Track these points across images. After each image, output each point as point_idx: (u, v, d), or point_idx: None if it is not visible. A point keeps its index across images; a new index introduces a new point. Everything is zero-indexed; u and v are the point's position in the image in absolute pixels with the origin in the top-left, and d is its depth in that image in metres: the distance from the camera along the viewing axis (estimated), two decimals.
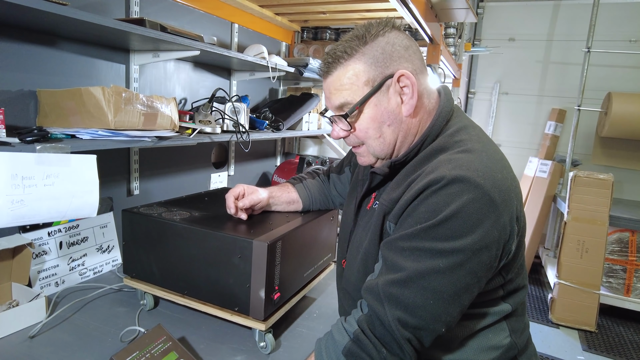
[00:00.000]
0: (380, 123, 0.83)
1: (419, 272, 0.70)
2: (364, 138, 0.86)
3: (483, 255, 0.70)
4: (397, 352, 0.71)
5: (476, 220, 0.69)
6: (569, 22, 3.99)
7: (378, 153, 0.87)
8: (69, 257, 1.33)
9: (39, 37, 1.26)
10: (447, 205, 0.70)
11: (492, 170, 0.73)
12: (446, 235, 0.69)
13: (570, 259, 2.83)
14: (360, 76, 0.81)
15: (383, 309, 0.71)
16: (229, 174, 2.26)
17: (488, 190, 0.70)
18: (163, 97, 1.32)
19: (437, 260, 0.69)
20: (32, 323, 1.06)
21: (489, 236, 0.70)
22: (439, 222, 0.70)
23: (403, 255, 0.72)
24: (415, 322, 0.70)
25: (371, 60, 0.80)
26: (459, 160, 0.74)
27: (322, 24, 2.63)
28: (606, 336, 2.74)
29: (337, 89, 0.83)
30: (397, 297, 0.70)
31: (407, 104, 0.82)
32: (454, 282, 0.70)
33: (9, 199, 0.92)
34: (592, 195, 2.80)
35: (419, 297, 0.69)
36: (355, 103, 0.82)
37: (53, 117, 1.22)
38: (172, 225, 1.06)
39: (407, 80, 0.80)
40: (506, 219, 0.72)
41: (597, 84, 3.77)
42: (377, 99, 0.82)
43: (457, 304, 0.71)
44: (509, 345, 0.83)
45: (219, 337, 1.07)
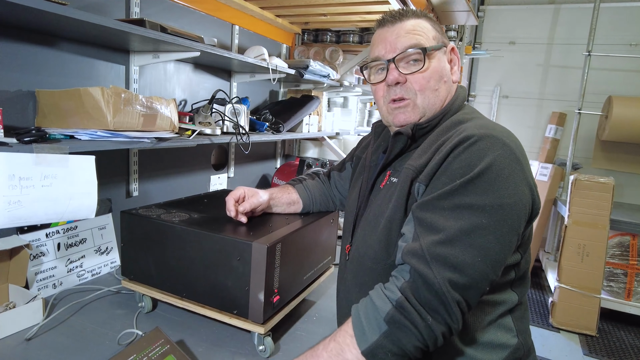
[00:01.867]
0: (441, 76, 0.90)
1: (464, 230, 0.70)
2: (424, 87, 0.89)
3: (520, 209, 0.73)
4: (445, 316, 0.68)
5: (508, 174, 0.73)
6: (569, 25, 4.00)
7: (428, 107, 0.90)
8: (66, 258, 1.32)
9: (39, 37, 1.26)
10: (480, 159, 0.73)
11: (512, 137, 0.79)
12: (484, 189, 0.72)
13: (571, 263, 2.82)
14: (430, 31, 0.90)
15: (431, 271, 0.68)
16: (228, 176, 2.25)
17: (513, 149, 0.76)
18: (162, 99, 1.32)
19: (480, 217, 0.70)
20: (29, 325, 1.05)
21: (521, 190, 0.74)
22: (475, 175, 0.72)
23: (443, 215, 0.73)
24: (465, 281, 0.68)
25: (434, 25, 0.92)
26: (484, 124, 0.81)
27: (322, 26, 2.63)
28: (607, 340, 2.72)
29: (409, 32, 0.88)
30: (446, 256, 0.69)
31: (456, 72, 0.94)
32: (499, 237, 0.71)
33: (6, 199, 0.91)
34: (592, 199, 2.79)
35: (468, 255, 0.69)
36: (430, 46, 0.88)
37: (52, 117, 1.21)
38: (171, 227, 1.06)
39: (455, 55, 0.94)
40: (530, 178, 0.77)
41: (597, 88, 3.77)
42: (440, 55, 0.90)
43: (501, 261, 0.72)
44: (517, 346, 0.83)
45: (217, 340, 1.06)
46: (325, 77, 2.31)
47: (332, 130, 2.72)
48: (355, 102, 3.28)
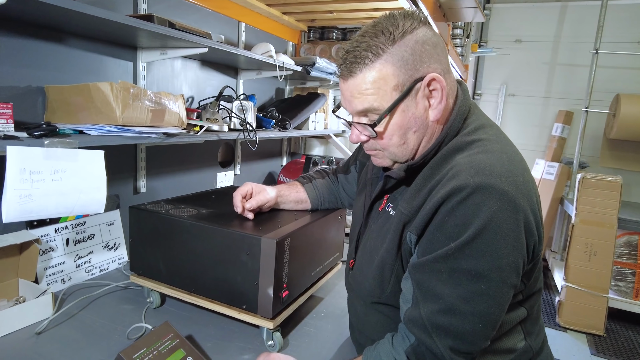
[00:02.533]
0: (406, 130, 0.78)
1: (463, 297, 0.67)
2: (387, 145, 0.80)
3: (518, 264, 0.69)
4: None
5: (507, 230, 0.67)
6: (576, 23, 3.97)
7: (398, 158, 0.83)
8: (75, 254, 1.32)
9: (48, 33, 1.26)
10: (475, 217, 0.66)
11: (513, 173, 0.70)
12: (482, 251, 0.66)
13: (578, 262, 2.80)
14: (389, 80, 0.74)
15: (432, 341, 0.69)
16: (235, 173, 2.25)
17: (513, 196, 0.67)
18: (171, 94, 1.32)
19: (479, 283, 0.67)
20: (39, 319, 1.05)
21: (520, 243, 0.68)
22: (471, 238, 0.66)
23: (440, 279, 0.69)
24: (467, 347, 0.69)
25: (400, 62, 0.73)
26: (479, 163, 0.70)
27: (329, 23, 2.63)
28: (615, 340, 2.70)
29: (361, 93, 0.76)
30: (446, 327, 0.68)
31: (436, 108, 0.77)
32: (499, 301, 0.68)
33: (17, 193, 0.91)
34: (600, 198, 2.77)
35: (469, 324, 0.68)
36: (383, 111, 0.75)
37: (61, 113, 1.22)
38: (180, 222, 1.06)
39: (437, 84, 0.75)
40: (532, 222, 0.70)
41: (605, 86, 3.74)
42: (405, 105, 0.76)
43: (501, 317, 0.70)
44: (524, 349, 0.82)
45: (226, 335, 1.06)
46: (332, 74, 2.30)
47: (338, 128, 2.72)
48: None
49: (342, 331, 1.13)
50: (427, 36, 0.75)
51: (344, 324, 1.17)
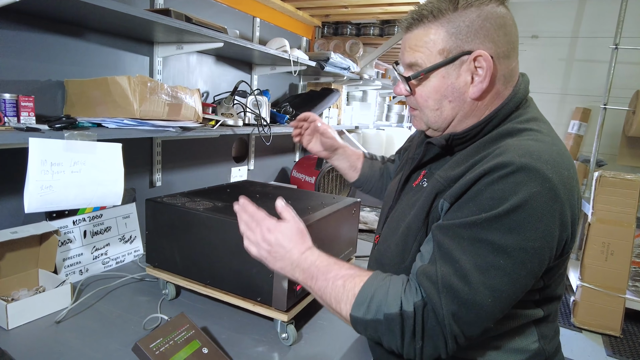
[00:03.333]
0: (442, 96, 0.79)
1: (479, 267, 0.67)
2: (422, 106, 0.82)
3: (545, 254, 0.68)
4: (439, 345, 0.68)
5: (541, 215, 0.65)
6: (595, 18, 3.89)
7: (431, 124, 0.84)
8: (92, 246, 1.34)
9: (67, 28, 1.28)
10: (513, 194, 0.66)
11: (560, 165, 0.69)
12: (509, 228, 0.66)
13: (595, 262, 2.75)
14: (437, 43, 0.76)
15: (439, 301, 0.68)
16: (249, 168, 2.26)
17: (555, 185, 0.66)
18: (187, 88, 1.33)
19: (499, 257, 0.66)
20: (58, 309, 1.07)
21: (551, 234, 0.67)
22: (504, 212, 0.66)
23: (461, 246, 0.69)
24: (470, 318, 0.67)
25: (454, 30, 0.75)
26: (529, 147, 0.70)
27: (343, 18, 2.61)
28: (632, 342, 2.65)
29: (411, 48, 0.79)
30: (456, 291, 0.67)
31: (476, 86, 0.77)
32: (514, 281, 0.67)
33: (38, 184, 0.93)
34: (618, 197, 2.72)
35: (479, 295, 0.66)
36: (422, 69, 0.78)
37: (80, 106, 1.24)
38: (196, 215, 1.06)
39: (484, 62, 0.75)
40: (568, 217, 0.69)
41: (624, 82, 3.66)
42: (447, 72, 0.77)
43: (511, 302, 0.69)
44: (537, 351, 0.80)
45: (240, 327, 1.07)
46: (346, 69, 2.30)
47: (352, 124, 2.71)
48: (374, 96, 3.26)
49: None
50: (493, 15, 0.75)
51: None
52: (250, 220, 0.87)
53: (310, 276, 0.80)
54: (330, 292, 0.76)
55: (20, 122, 1.00)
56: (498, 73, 0.77)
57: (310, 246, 0.84)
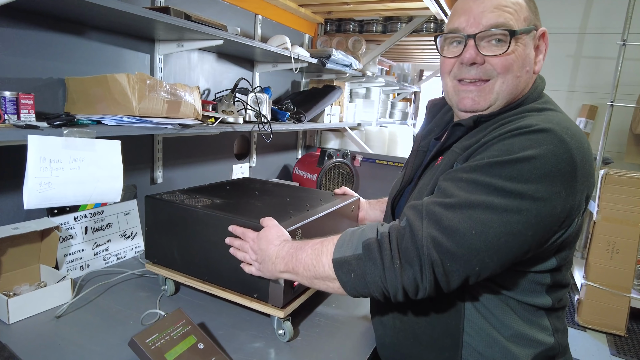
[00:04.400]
0: (524, 64, 0.80)
1: (470, 201, 0.66)
2: (506, 70, 0.78)
3: (544, 209, 0.65)
4: (416, 271, 0.67)
5: (549, 172, 0.65)
6: (603, 14, 3.83)
7: (503, 95, 0.80)
8: (93, 242, 1.36)
9: (68, 26, 1.29)
10: (523, 148, 0.66)
11: (580, 137, 0.70)
12: (510, 176, 0.65)
13: (600, 260, 2.72)
14: (523, 10, 0.79)
15: (420, 224, 0.67)
16: (250, 165, 2.27)
17: (572, 149, 0.66)
18: (186, 86, 1.33)
19: (492, 197, 0.65)
20: (59, 304, 1.09)
21: (557, 194, 0.65)
22: (508, 161, 0.66)
23: (458, 185, 0.69)
24: (450, 246, 0.65)
25: (531, 5, 0.81)
26: (550, 117, 0.72)
27: (345, 15, 2.60)
28: (636, 341, 2.63)
29: (498, 8, 0.78)
30: (439, 216, 0.67)
31: (540, 62, 0.82)
32: (504, 223, 0.65)
33: (37, 180, 0.94)
34: (624, 195, 2.69)
35: (462, 223, 0.65)
36: (520, 29, 0.77)
37: (80, 104, 1.25)
38: (194, 212, 1.07)
39: (544, 41, 0.82)
40: (580, 186, 0.68)
41: (632, 79, 3.61)
42: (527, 41, 0.80)
43: (498, 251, 0.65)
44: (552, 345, 0.80)
45: (238, 324, 1.07)
46: (348, 66, 2.29)
47: (354, 121, 2.71)
48: (377, 93, 3.25)
49: (353, 322, 1.13)
50: None
51: (355, 315, 1.17)
52: (241, 243, 0.96)
53: (290, 258, 0.83)
54: (311, 257, 0.79)
55: (20, 119, 1.01)
56: None
57: (286, 239, 0.88)
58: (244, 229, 0.96)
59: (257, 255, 0.91)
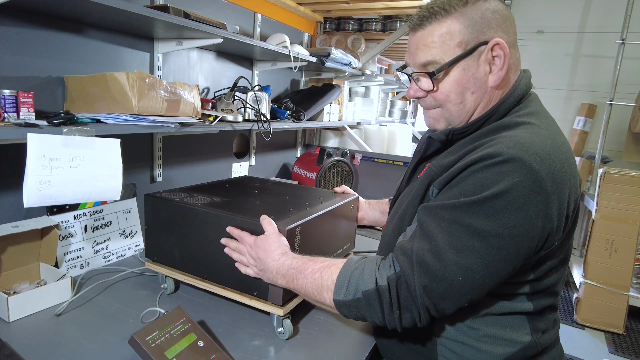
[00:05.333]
0: (465, 88, 0.80)
1: (454, 246, 0.70)
2: (444, 101, 0.83)
3: (522, 243, 0.69)
4: (414, 316, 0.74)
5: (521, 205, 0.67)
6: (602, 12, 3.84)
7: (453, 119, 0.84)
8: (93, 240, 1.36)
9: (68, 25, 1.29)
10: (495, 182, 0.68)
11: (551, 158, 0.70)
12: (487, 214, 0.68)
13: (598, 259, 2.73)
14: (455, 36, 0.78)
15: (412, 274, 0.72)
16: (250, 164, 2.27)
17: (541, 177, 0.67)
18: (186, 84, 1.33)
19: (474, 240, 0.68)
20: (58, 302, 1.09)
21: (532, 224, 0.68)
22: (483, 198, 0.68)
23: (440, 226, 0.72)
24: (441, 292, 0.70)
25: (468, 22, 0.78)
26: (521, 139, 0.71)
27: (345, 14, 2.60)
28: (634, 339, 2.64)
29: (426, 45, 0.80)
30: (428, 265, 0.70)
31: (496, 74, 0.79)
32: (488, 264, 0.69)
33: (37, 179, 0.94)
34: (623, 193, 2.69)
35: (449, 272, 0.69)
36: (444, 63, 0.78)
37: (80, 103, 1.25)
38: (193, 210, 1.07)
39: (501, 50, 0.78)
40: (554, 210, 0.69)
41: (631, 78, 3.62)
42: (467, 64, 0.79)
43: (485, 285, 0.71)
44: (529, 344, 0.81)
45: (237, 321, 1.08)
46: (347, 65, 2.29)
47: (353, 120, 2.71)
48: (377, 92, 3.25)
49: (352, 321, 1.13)
50: (498, 7, 0.80)
51: None
52: (238, 245, 0.98)
53: (290, 279, 0.87)
54: (311, 286, 0.83)
55: (19, 117, 1.01)
56: (510, 61, 0.80)
57: (284, 252, 0.90)
58: (241, 233, 0.97)
59: (255, 262, 0.94)
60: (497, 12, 0.79)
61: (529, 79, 0.86)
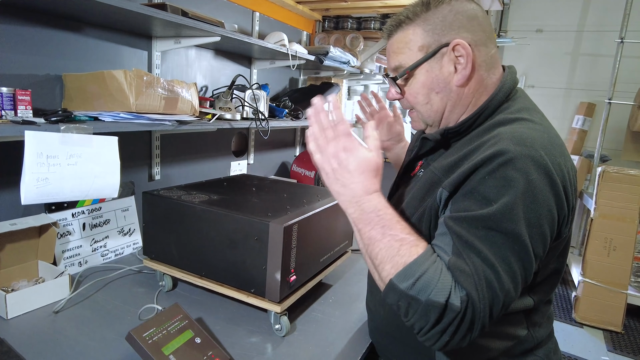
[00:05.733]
0: (430, 90, 0.84)
1: (502, 257, 0.69)
2: (414, 103, 0.87)
3: (547, 235, 0.71)
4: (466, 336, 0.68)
5: (542, 200, 0.69)
6: (601, 11, 3.84)
7: (426, 119, 0.88)
8: (91, 238, 1.36)
9: (66, 23, 1.29)
10: (515, 180, 0.69)
11: (554, 152, 0.73)
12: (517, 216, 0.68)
13: (597, 257, 2.74)
14: (416, 42, 0.82)
15: (477, 295, 0.67)
16: (248, 163, 2.27)
17: (550, 170, 0.70)
18: (184, 82, 1.33)
19: (513, 244, 0.69)
20: (57, 299, 1.09)
21: (551, 215, 0.71)
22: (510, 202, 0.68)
23: (478, 237, 0.70)
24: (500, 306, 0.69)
25: (430, 27, 0.81)
26: (522, 134, 0.72)
27: (343, 12, 2.60)
28: (633, 337, 2.64)
29: (394, 52, 0.85)
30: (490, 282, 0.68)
31: (460, 73, 0.81)
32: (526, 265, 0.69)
33: (34, 176, 0.95)
34: (621, 192, 2.70)
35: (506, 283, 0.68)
36: (406, 67, 0.83)
37: (78, 101, 1.25)
38: (191, 208, 1.08)
39: (463, 50, 0.79)
40: (563, 198, 0.72)
41: (630, 77, 3.62)
42: (430, 66, 0.82)
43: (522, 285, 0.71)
44: (525, 337, 0.82)
45: (235, 319, 1.08)
46: (346, 63, 2.29)
47: (352, 119, 2.71)
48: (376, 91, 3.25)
49: (350, 318, 1.14)
50: (464, 8, 0.81)
51: (352, 310, 1.18)
52: (328, 127, 0.81)
53: (367, 221, 0.77)
54: (381, 248, 0.74)
55: (17, 115, 1.01)
56: (478, 59, 0.81)
57: (377, 189, 0.80)
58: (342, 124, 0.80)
59: (338, 167, 0.79)
60: (460, 13, 0.80)
61: (514, 74, 0.87)
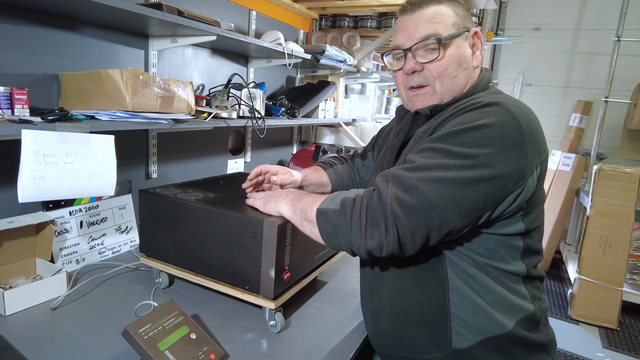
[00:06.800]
0: (459, 63, 0.91)
1: (429, 164, 0.76)
2: (441, 75, 0.91)
3: (496, 166, 0.74)
4: (381, 227, 0.75)
5: (497, 136, 0.75)
6: (598, 10, 3.85)
7: (446, 93, 0.92)
8: (89, 236, 1.37)
9: (63, 22, 1.30)
10: (475, 119, 0.77)
11: (525, 111, 0.80)
12: (464, 142, 0.75)
13: (593, 255, 2.75)
14: (450, 17, 0.90)
15: (386, 186, 0.77)
16: (245, 161, 2.28)
17: (518, 118, 0.76)
18: (180, 81, 1.34)
19: (448, 159, 0.75)
20: (54, 296, 1.10)
21: (507, 155, 0.75)
22: (462, 130, 0.76)
23: (420, 154, 0.80)
24: (411, 202, 0.73)
25: (457, 10, 0.92)
26: (500, 96, 0.83)
27: (340, 11, 2.61)
28: (628, 334, 2.66)
29: (427, 21, 0.90)
30: (401, 178, 0.76)
31: (478, 57, 0.93)
32: (458, 178, 0.73)
33: (31, 174, 0.96)
34: (617, 190, 2.71)
35: (421, 182, 0.74)
36: (446, 35, 0.89)
37: (74, 100, 1.26)
38: (187, 206, 1.09)
39: (478, 39, 0.94)
40: (530, 149, 0.76)
41: (627, 75, 3.63)
42: (459, 42, 0.91)
43: (455, 204, 0.73)
44: (533, 311, 0.86)
45: (230, 315, 1.09)
46: (342, 62, 2.30)
47: (349, 117, 2.72)
48: (373, 89, 3.26)
49: (345, 314, 1.15)
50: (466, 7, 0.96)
51: (346, 307, 1.19)
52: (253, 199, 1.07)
53: (294, 196, 0.95)
54: (309, 203, 0.89)
55: (14, 114, 1.02)
56: None
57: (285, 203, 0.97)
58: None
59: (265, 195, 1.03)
60: (467, 10, 0.95)
61: (490, 75, 0.99)
